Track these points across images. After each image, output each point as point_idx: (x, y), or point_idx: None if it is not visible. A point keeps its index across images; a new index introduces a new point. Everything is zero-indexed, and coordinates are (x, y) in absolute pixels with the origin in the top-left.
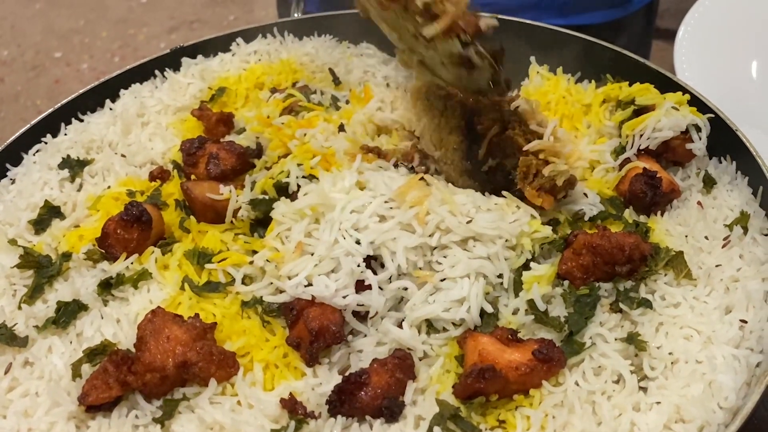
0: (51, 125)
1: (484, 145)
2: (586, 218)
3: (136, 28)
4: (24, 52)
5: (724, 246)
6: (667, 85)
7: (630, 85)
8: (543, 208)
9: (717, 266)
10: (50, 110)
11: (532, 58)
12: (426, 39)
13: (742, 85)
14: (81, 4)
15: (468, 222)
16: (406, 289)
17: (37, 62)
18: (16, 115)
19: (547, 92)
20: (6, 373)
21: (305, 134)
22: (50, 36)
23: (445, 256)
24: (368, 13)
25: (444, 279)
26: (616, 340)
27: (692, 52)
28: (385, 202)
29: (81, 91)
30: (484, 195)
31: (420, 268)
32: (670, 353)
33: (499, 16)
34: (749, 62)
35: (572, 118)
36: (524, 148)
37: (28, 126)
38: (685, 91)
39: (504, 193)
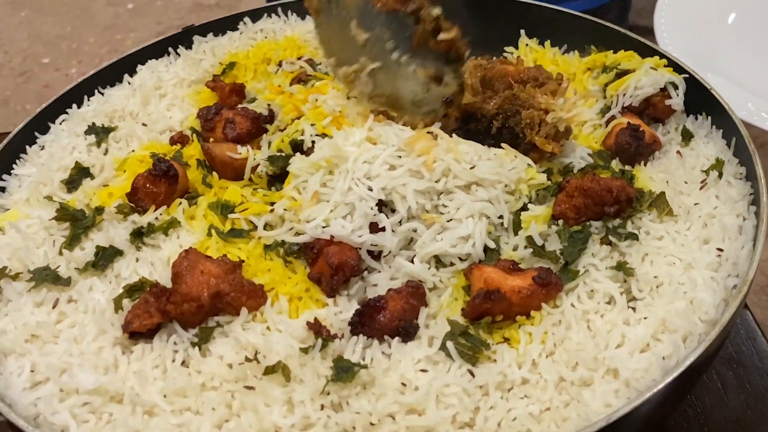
0: (73, 98)
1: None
2: (576, 170)
3: (124, 34)
4: (12, 59)
5: (701, 188)
6: (647, 53)
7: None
8: (554, 153)
9: (695, 204)
10: (73, 84)
11: (522, 32)
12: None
13: (715, 36)
14: (67, 11)
15: (471, 168)
16: (415, 230)
17: (26, 68)
18: (6, 120)
19: (535, 62)
20: (54, 307)
21: (317, 99)
22: (37, 42)
23: (450, 200)
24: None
25: (450, 220)
26: (606, 268)
27: (670, 16)
28: (395, 151)
29: (100, 67)
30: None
31: (427, 212)
32: (655, 277)
33: None
34: (725, 15)
35: None
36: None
37: (54, 98)
38: (662, 56)
39: (503, 145)
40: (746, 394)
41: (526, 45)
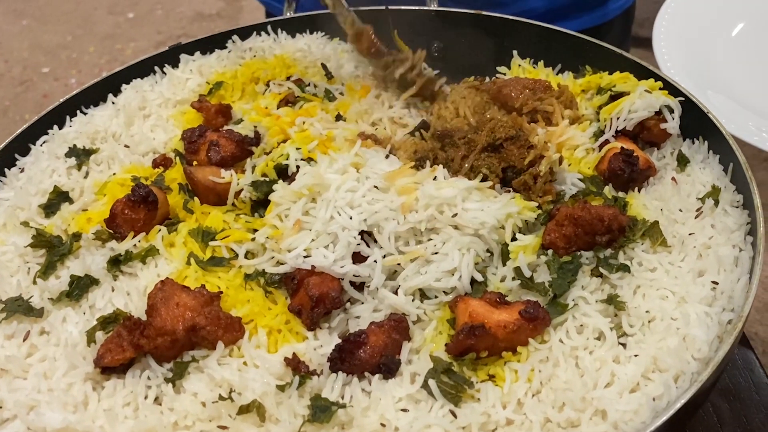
0: (55, 120)
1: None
2: (567, 197)
3: (124, 43)
4: (11, 68)
5: (696, 216)
6: (644, 75)
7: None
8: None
9: (690, 234)
10: (55, 104)
11: (515, 52)
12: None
13: (715, 53)
14: (68, 20)
15: (453, 215)
16: (399, 264)
17: (25, 77)
18: (4, 130)
19: None
20: (24, 340)
21: (304, 122)
22: (38, 52)
23: (437, 234)
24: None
25: (436, 253)
26: (597, 301)
27: (671, 29)
28: (375, 186)
29: (84, 87)
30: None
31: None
32: (647, 312)
33: (484, 13)
34: (730, 28)
35: None
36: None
37: (34, 119)
38: (659, 77)
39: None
40: (743, 428)
41: (519, 66)
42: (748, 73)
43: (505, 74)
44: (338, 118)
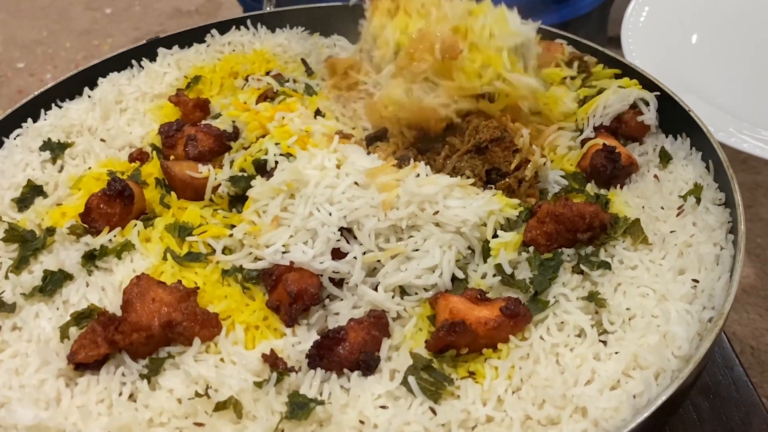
0: (29, 113)
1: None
2: (549, 196)
3: (101, 39)
4: None
5: (678, 215)
6: (620, 68)
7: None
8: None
9: (672, 232)
10: (30, 97)
11: None
12: None
13: (683, 56)
14: (44, 15)
15: (435, 213)
16: (378, 261)
17: (0, 72)
18: None
19: None
20: None
21: (283, 117)
22: (12, 47)
23: (418, 231)
24: None
25: (416, 250)
26: (577, 298)
27: (638, 30)
28: (355, 182)
29: (60, 79)
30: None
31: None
32: (627, 309)
33: None
34: (690, 35)
35: None
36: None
37: (9, 112)
38: (636, 75)
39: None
40: (723, 426)
41: None
42: (714, 75)
43: None
44: (317, 113)
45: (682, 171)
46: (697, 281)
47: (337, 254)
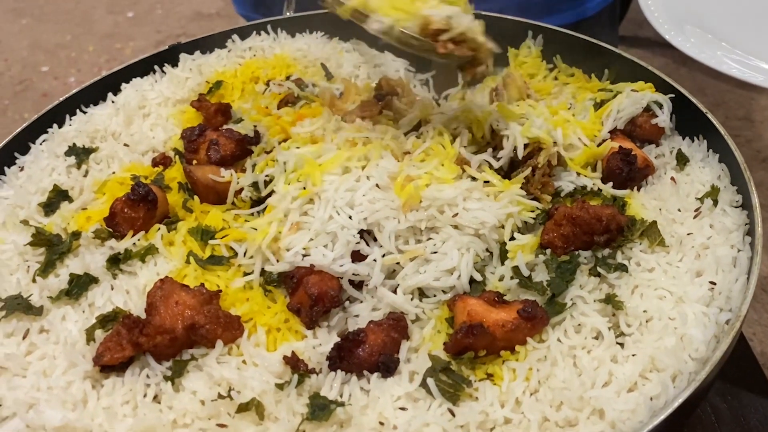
0: (55, 118)
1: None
2: (564, 194)
3: (123, 43)
4: (11, 67)
5: (695, 216)
6: (635, 69)
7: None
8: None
9: (688, 234)
10: (55, 103)
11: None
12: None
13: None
14: (67, 19)
15: (454, 215)
16: (398, 262)
17: (24, 76)
18: (3, 129)
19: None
20: (24, 338)
21: (306, 122)
22: (37, 51)
23: (437, 233)
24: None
25: (435, 252)
26: (594, 301)
27: None
28: (377, 185)
29: (84, 85)
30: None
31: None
32: (644, 311)
33: (481, 12)
34: None
35: None
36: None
37: (34, 118)
38: (652, 78)
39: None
40: (741, 428)
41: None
42: (724, 7)
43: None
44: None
45: (699, 173)
46: (714, 283)
47: (357, 257)
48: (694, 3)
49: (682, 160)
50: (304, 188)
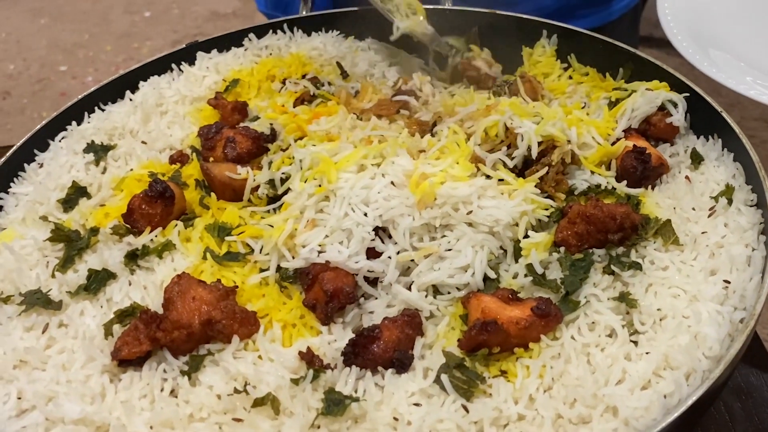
0: (74, 116)
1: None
2: (577, 192)
3: (140, 42)
4: (29, 66)
5: (709, 215)
6: (653, 70)
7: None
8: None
9: (703, 233)
10: (73, 101)
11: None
12: None
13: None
14: (85, 19)
15: (468, 213)
16: (412, 259)
17: (43, 75)
18: (22, 127)
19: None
20: (43, 332)
21: (322, 119)
22: (55, 50)
23: (451, 231)
24: None
25: (449, 249)
26: (608, 299)
27: None
28: (392, 183)
29: (102, 83)
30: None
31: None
32: (658, 309)
33: (497, 12)
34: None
35: None
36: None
37: (54, 115)
38: (668, 77)
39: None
40: (755, 427)
41: (531, 56)
42: (747, 30)
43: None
44: (358, 117)
45: (714, 172)
46: (728, 282)
47: (372, 254)
48: (720, 26)
49: (696, 159)
50: (320, 186)
